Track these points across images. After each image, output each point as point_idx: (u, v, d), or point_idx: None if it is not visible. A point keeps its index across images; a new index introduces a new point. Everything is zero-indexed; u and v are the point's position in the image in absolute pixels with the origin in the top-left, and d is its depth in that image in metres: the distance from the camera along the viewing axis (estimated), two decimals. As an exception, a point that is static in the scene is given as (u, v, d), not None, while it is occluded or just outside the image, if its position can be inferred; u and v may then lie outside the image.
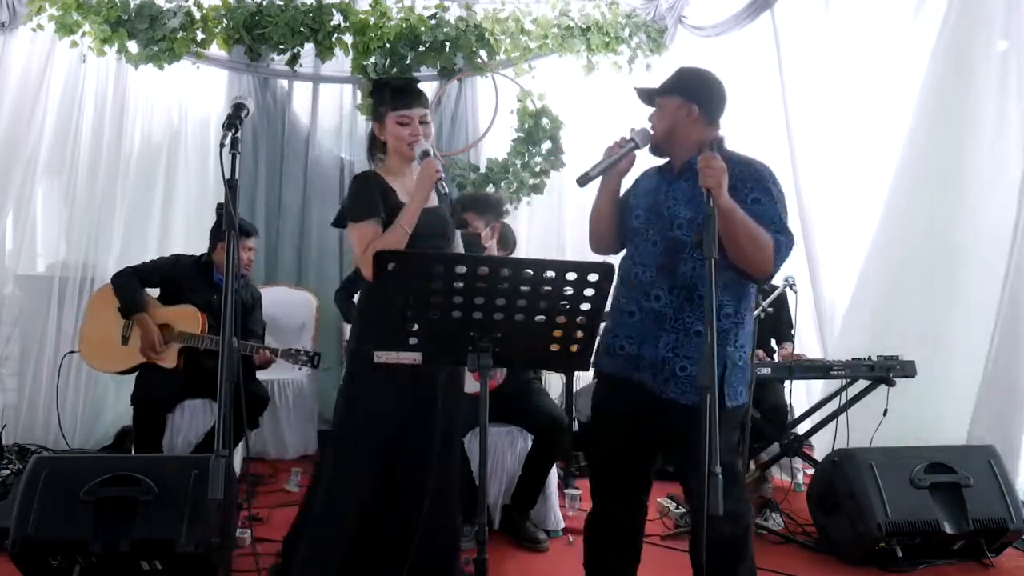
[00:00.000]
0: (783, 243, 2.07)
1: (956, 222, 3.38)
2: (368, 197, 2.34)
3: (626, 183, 2.33)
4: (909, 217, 3.53)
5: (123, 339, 3.53)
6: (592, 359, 2.24)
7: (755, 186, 2.11)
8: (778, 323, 3.81)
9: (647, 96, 2.28)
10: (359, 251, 2.30)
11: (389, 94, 2.41)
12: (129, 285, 3.52)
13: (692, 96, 2.19)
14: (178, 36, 4.46)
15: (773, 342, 3.85)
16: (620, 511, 2.33)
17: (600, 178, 2.23)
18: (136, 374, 3.51)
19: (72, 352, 3.81)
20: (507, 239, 3.37)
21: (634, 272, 2.22)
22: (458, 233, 2.60)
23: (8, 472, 3.53)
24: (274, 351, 3.35)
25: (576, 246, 5.08)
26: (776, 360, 3.68)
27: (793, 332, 3.89)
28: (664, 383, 2.13)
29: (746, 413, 2.28)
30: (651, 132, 2.22)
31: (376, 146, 2.50)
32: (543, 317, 1.80)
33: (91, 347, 3.59)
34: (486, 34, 4.73)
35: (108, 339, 3.54)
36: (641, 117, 2.35)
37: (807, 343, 4.17)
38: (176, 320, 3.49)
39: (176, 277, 3.60)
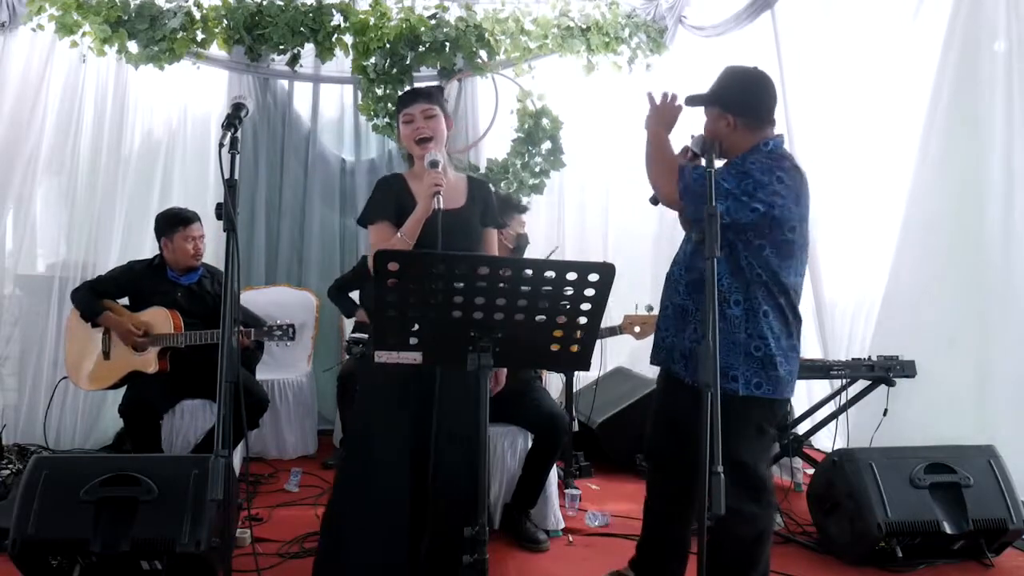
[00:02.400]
0: (687, 170, 2.21)
1: (981, 223, 3.34)
2: (380, 199, 2.43)
3: None
4: (933, 220, 3.50)
5: (105, 354, 3.53)
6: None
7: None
8: None
9: (692, 103, 2.35)
10: (370, 253, 2.39)
11: (399, 99, 2.55)
12: (84, 296, 3.55)
13: (728, 106, 2.24)
14: (178, 36, 4.47)
15: None
16: (667, 507, 2.44)
17: None
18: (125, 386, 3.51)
19: (65, 378, 3.82)
20: (522, 247, 3.50)
21: (671, 270, 2.42)
22: (491, 232, 2.59)
23: (8, 472, 3.52)
24: (247, 333, 3.35)
25: (576, 245, 5.08)
26: None
27: None
28: (694, 371, 2.25)
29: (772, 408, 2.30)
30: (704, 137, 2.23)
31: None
32: (543, 317, 1.80)
33: (78, 370, 3.61)
34: (486, 34, 4.74)
35: (91, 358, 3.56)
36: (640, 116, 2.37)
37: (807, 343, 4.16)
38: (149, 324, 3.49)
39: (135, 284, 3.61)
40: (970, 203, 3.35)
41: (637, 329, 3.63)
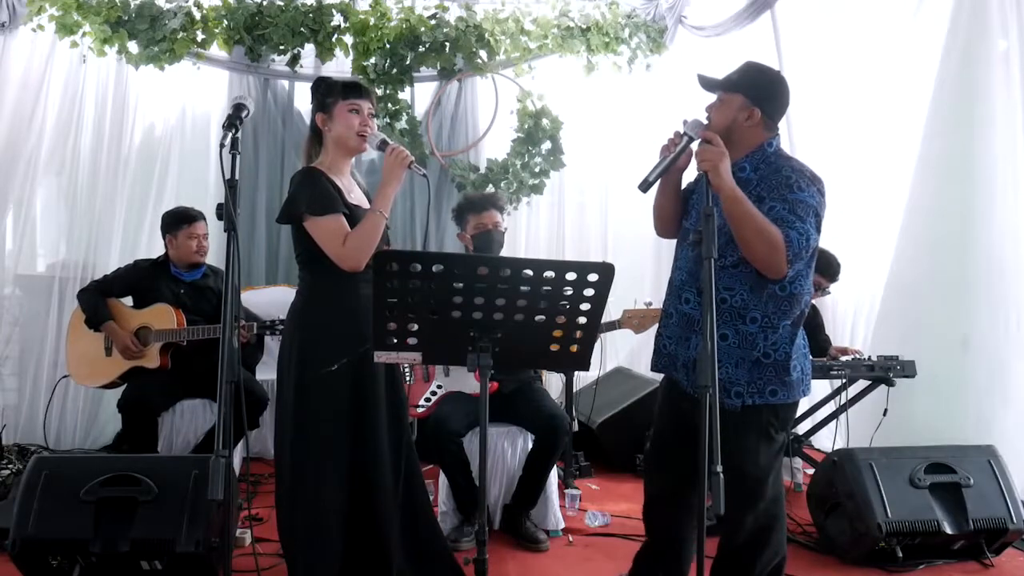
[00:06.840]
0: (794, 237, 1.95)
1: (982, 223, 3.34)
2: (327, 191, 2.26)
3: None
4: (933, 219, 3.50)
5: (106, 351, 3.56)
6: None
7: (775, 194, 2.03)
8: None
9: (708, 85, 2.19)
10: (335, 244, 2.22)
11: (339, 86, 2.36)
12: (91, 299, 3.57)
13: (757, 99, 2.10)
14: (178, 36, 4.47)
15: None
16: (664, 510, 2.36)
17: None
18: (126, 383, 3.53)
19: (66, 376, 3.85)
20: (482, 246, 3.30)
21: (673, 275, 2.25)
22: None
23: (8, 472, 3.53)
24: (249, 327, 3.37)
25: (576, 245, 5.09)
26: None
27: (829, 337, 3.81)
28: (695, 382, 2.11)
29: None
30: (704, 124, 2.10)
31: (315, 141, 2.40)
32: (543, 317, 1.80)
33: (79, 367, 3.64)
34: (486, 34, 4.74)
35: (93, 355, 3.58)
36: (640, 116, 2.36)
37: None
38: (151, 320, 3.52)
39: (138, 282, 3.64)
40: (970, 202, 3.36)
41: (636, 323, 3.63)
